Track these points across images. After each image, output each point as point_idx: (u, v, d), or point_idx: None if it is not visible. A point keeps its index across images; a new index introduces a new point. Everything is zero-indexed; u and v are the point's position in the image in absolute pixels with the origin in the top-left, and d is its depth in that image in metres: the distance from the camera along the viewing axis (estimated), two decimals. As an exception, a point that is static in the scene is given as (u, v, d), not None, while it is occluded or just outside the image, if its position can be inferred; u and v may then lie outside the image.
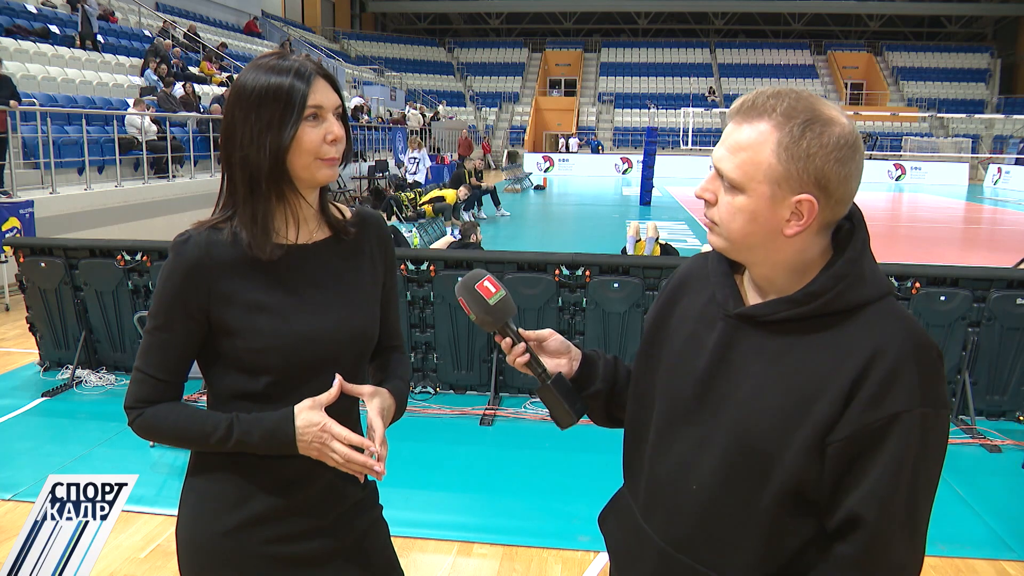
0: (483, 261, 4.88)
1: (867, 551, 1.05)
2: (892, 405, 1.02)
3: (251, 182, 1.30)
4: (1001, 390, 4.56)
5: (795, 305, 1.09)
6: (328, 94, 1.31)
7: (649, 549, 1.21)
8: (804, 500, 1.09)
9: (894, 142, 32.01)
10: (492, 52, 41.16)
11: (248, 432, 1.29)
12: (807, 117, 1.04)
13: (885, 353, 1.04)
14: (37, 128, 9.13)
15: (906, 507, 1.04)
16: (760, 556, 1.11)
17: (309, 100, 1.28)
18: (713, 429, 1.13)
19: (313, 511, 1.38)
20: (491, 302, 1.26)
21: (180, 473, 3.84)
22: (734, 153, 1.08)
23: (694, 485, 1.15)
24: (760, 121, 1.06)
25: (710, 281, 1.21)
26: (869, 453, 1.03)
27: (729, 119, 1.12)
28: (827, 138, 1.04)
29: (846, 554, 1.06)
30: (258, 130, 1.28)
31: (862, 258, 1.10)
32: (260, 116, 1.28)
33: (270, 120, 1.27)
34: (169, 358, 1.33)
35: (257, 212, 1.31)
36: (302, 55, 1.35)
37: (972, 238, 15.11)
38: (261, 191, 1.31)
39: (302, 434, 1.28)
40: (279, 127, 1.28)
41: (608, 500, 1.39)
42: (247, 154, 1.29)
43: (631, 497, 1.29)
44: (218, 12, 27.25)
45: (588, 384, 1.34)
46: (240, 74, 1.33)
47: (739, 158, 1.07)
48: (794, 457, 1.06)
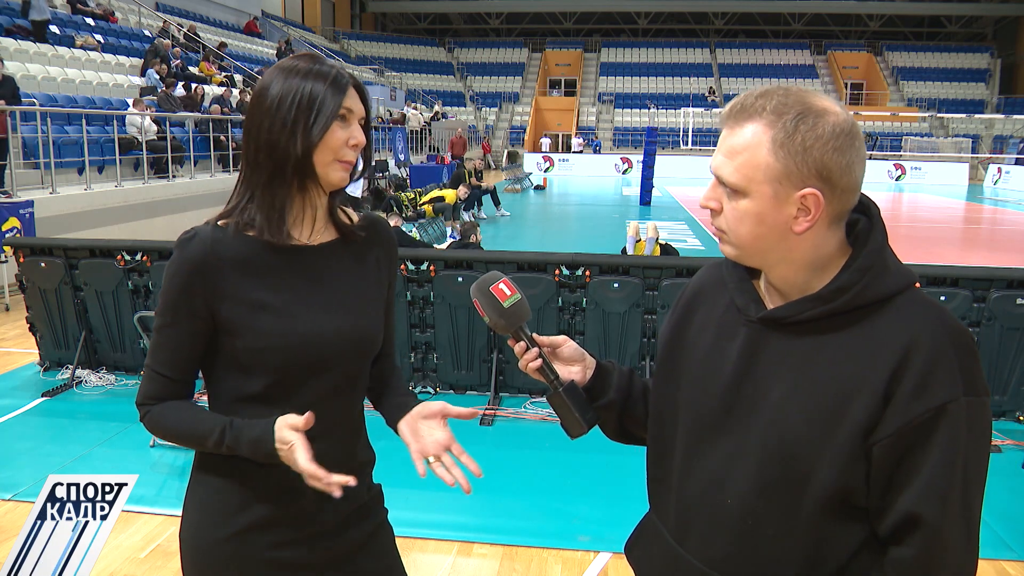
0: (483, 261, 4.88)
1: (929, 551, 1.01)
2: (937, 396, 0.99)
3: (276, 168, 1.30)
4: (1001, 390, 4.56)
5: (822, 303, 1.06)
6: (357, 103, 1.34)
7: (687, 573, 1.16)
8: (849, 505, 1.04)
9: (894, 142, 32.01)
10: (492, 52, 41.16)
11: (237, 439, 1.29)
12: (798, 111, 1.03)
13: (920, 343, 1.00)
14: (37, 128, 9.12)
15: (962, 502, 1.00)
16: (807, 569, 1.07)
17: (345, 102, 1.30)
18: (745, 439, 1.09)
19: (314, 516, 1.37)
20: (505, 305, 1.24)
21: (180, 473, 3.84)
22: (731, 158, 1.06)
23: (729, 499, 1.10)
24: (751, 122, 1.05)
25: (726, 289, 1.18)
26: (919, 449, 0.99)
27: (722, 125, 1.10)
28: (821, 129, 1.02)
29: (906, 557, 1.02)
30: (293, 118, 1.28)
31: (884, 249, 1.08)
32: (298, 104, 1.28)
33: (308, 110, 1.28)
34: (177, 356, 1.34)
35: (277, 197, 1.31)
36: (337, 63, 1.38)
37: (972, 238, 15.11)
38: (285, 178, 1.31)
39: (278, 449, 1.27)
40: (315, 119, 1.29)
41: (633, 529, 1.33)
42: (278, 139, 1.29)
43: (660, 521, 1.23)
44: (218, 12, 27.24)
45: (601, 395, 1.30)
46: (279, 63, 1.35)
47: (737, 162, 1.06)
48: (834, 460, 1.02)
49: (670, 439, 1.21)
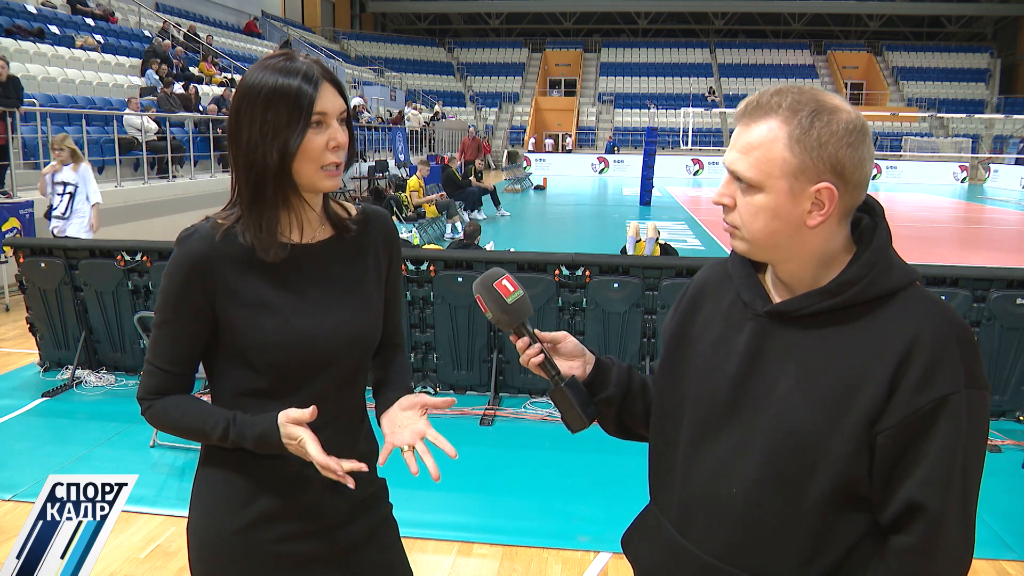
0: (483, 261, 4.88)
1: (930, 539, 1.03)
2: (940, 388, 1.02)
3: (256, 187, 1.29)
4: (1001, 390, 4.56)
5: (829, 296, 1.08)
6: (334, 99, 1.29)
7: (688, 564, 1.18)
8: (852, 495, 1.07)
9: (894, 142, 32.01)
10: (492, 52, 41.16)
11: (242, 434, 1.30)
12: (813, 108, 1.05)
13: (924, 337, 1.03)
14: (37, 128, 9.13)
15: (962, 492, 1.03)
16: (809, 557, 1.09)
17: (316, 107, 1.26)
18: (751, 431, 1.11)
19: (319, 509, 1.38)
20: (509, 301, 1.26)
21: (180, 473, 3.84)
22: (747, 153, 1.08)
23: (734, 489, 1.12)
24: (768, 119, 1.07)
25: (732, 284, 1.20)
26: (921, 439, 1.02)
27: (736, 122, 1.12)
28: (836, 125, 1.05)
29: (907, 544, 1.05)
30: (263, 134, 1.26)
31: (888, 246, 1.11)
32: (267, 120, 1.25)
33: (276, 125, 1.25)
34: (177, 351, 1.34)
35: (263, 219, 1.30)
36: (309, 58, 1.32)
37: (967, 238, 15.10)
38: (267, 196, 1.29)
39: (287, 444, 1.28)
40: (286, 132, 1.25)
41: (631, 523, 1.35)
42: (253, 158, 1.27)
43: (661, 514, 1.25)
44: (218, 12, 27.25)
45: (601, 389, 1.32)
46: (246, 74, 1.30)
47: (753, 157, 1.08)
48: (839, 451, 1.05)
49: (674, 432, 1.22)
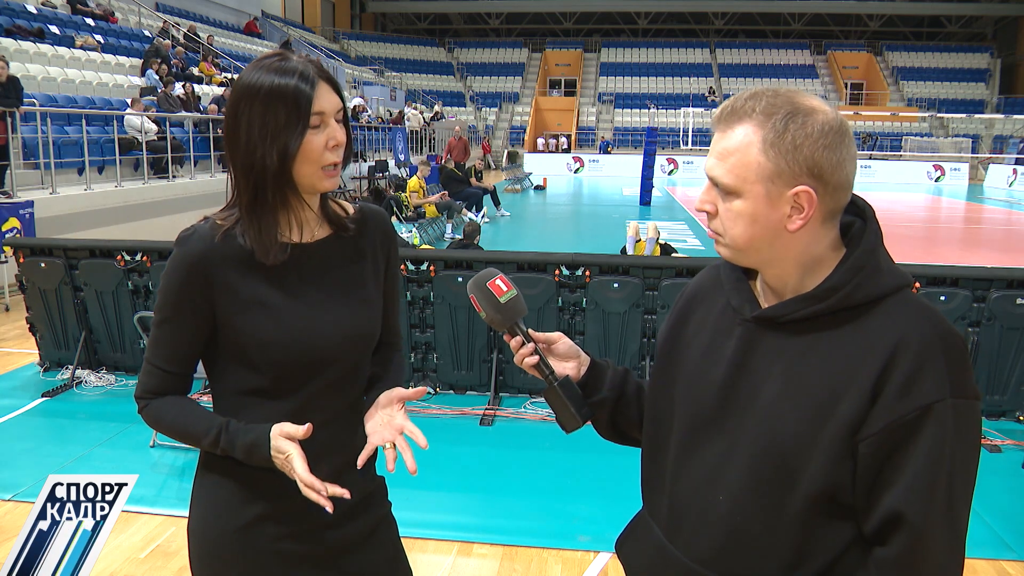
0: (483, 261, 4.88)
1: (910, 551, 1.01)
2: (923, 396, 1.00)
3: (255, 189, 1.28)
4: (1001, 390, 4.56)
5: (814, 301, 1.07)
6: (331, 98, 1.29)
7: (674, 569, 1.17)
8: (836, 504, 1.05)
9: (894, 142, 32.01)
10: (492, 52, 41.14)
11: (232, 443, 1.30)
12: (788, 111, 1.05)
13: (909, 344, 1.01)
14: (37, 128, 9.12)
15: (947, 503, 1.01)
16: (792, 565, 1.07)
17: (314, 106, 1.26)
18: (738, 437, 1.11)
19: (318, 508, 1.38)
20: (502, 300, 1.26)
21: (180, 473, 3.84)
22: (723, 159, 1.08)
23: (720, 496, 1.11)
24: (743, 123, 1.07)
25: (723, 290, 1.20)
26: (904, 448, 1.00)
27: (713, 128, 1.12)
28: (811, 127, 1.04)
29: (888, 556, 1.02)
30: (262, 136, 1.25)
31: (877, 249, 1.09)
32: (265, 121, 1.25)
33: (275, 126, 1.24)
34: (176, 350, 1.34)
35: (262, 222, 1.30)
36: (304, 57, 1.31)
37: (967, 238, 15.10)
38: (266, 199, 1.29)
39: (274, 457, 1.28)
40: (285, 134, 1.25)
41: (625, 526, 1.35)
42: (252, 160, 1.26)
43: (652, 518, 1.25)
44: (218, 12, 27.23)
45: (595, 391, 1.31)
46: (242, 75, 1.29)
47: (729, 163, 1.07)
48: (823, 458, 1.03)
49: (665, 438, 1.22)
